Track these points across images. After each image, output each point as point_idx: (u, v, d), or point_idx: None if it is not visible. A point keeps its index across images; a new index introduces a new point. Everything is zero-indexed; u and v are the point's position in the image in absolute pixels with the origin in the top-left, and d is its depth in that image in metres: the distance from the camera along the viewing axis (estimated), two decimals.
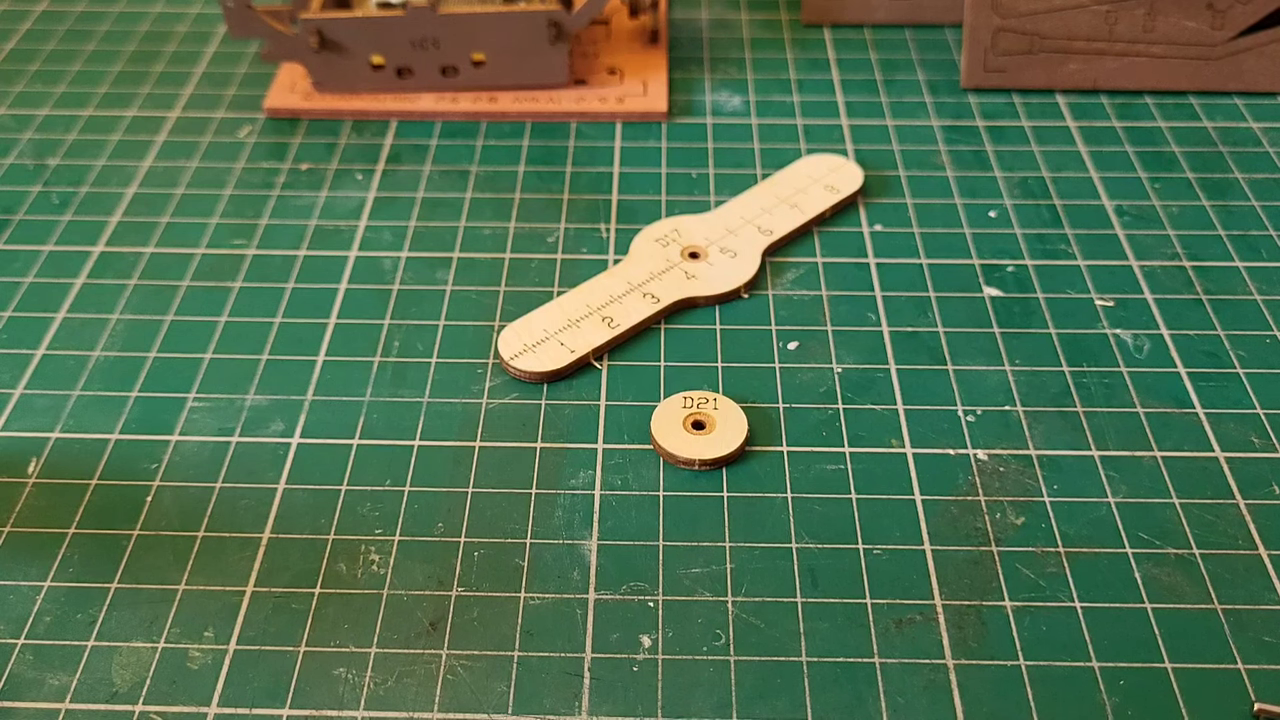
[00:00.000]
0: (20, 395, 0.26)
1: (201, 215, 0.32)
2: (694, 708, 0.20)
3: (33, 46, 0.40)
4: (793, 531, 0.23)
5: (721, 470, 0.25)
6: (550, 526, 0.23)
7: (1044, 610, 0.22)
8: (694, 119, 0.36)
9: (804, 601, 0.22)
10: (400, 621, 0.22)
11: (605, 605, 0.22)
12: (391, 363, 0.27)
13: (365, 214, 0.32)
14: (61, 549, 0.23)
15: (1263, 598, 0.22)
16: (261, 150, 0.34)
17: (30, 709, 0.20)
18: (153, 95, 0.37)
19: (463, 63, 0.35)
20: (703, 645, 0.21)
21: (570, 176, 0.33)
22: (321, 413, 0.26)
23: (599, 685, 0.21)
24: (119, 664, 0.21)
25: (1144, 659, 0.21)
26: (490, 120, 0.35)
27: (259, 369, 0.27)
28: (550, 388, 0.26)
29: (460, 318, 0.28)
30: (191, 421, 0.26)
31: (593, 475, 0.24)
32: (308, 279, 0.30)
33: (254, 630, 0.22)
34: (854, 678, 0.21)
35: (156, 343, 0.28)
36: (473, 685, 0.21)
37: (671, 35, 0.40)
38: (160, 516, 0.24)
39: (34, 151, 0.34)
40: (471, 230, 0.31)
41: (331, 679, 0.21)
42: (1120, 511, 0.24)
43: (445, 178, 0.33)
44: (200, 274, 0.30)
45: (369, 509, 0.24)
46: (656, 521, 0.24)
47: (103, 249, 0.31)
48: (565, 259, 0.30)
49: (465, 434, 0.25)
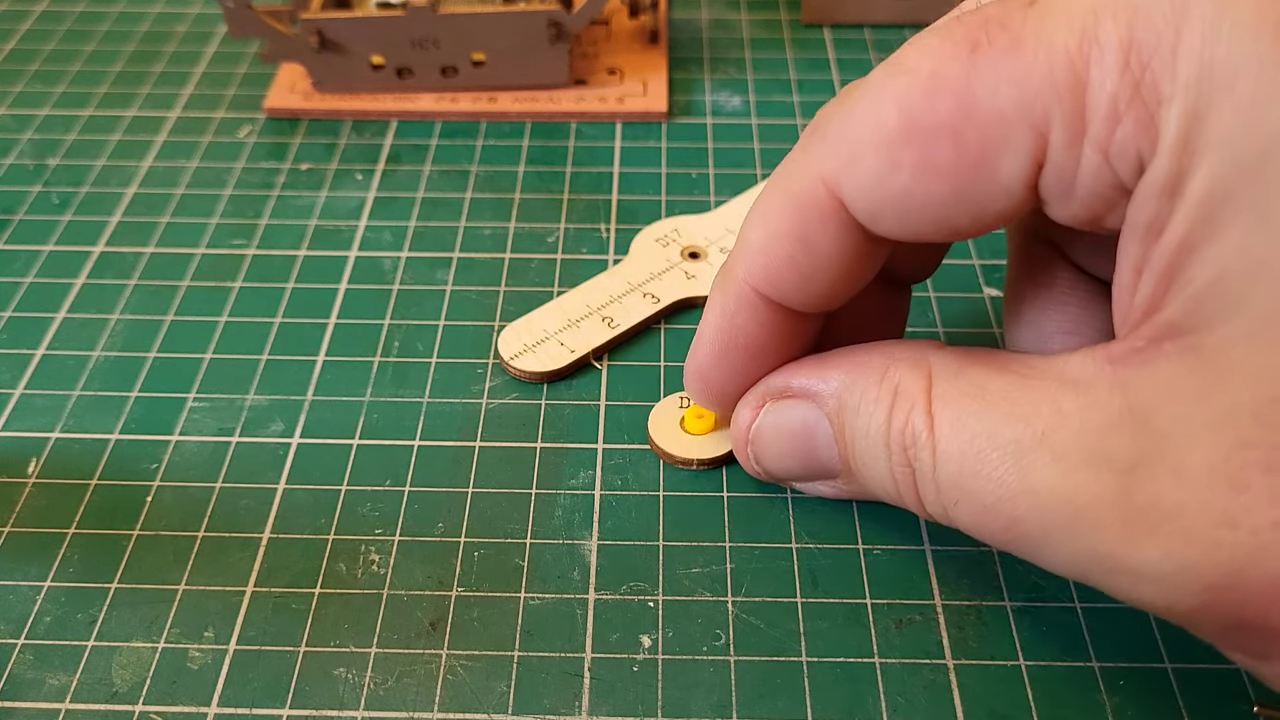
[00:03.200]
0: (20, 395, 0.26)
1: (201, 215, 0.32)
2: (694, 708, 0.20)
3: (33, 46, 0.40)
4: (793, 531, 0.23)
5: (721, 470, 0.25)
6: (550, 526, 0.23)
7: (1044, 610, 0.22)
8: (694, 119, 0.36)
9: (804, 601, 0.22)
10: (400, 621, 0.22)
11: (605, 605, 0.22)
12: (391, 363, 0.27)
13: (365, 214, 0.32)
14: (61, 549, 0.23)
15: None
16: (261, 150, 0.34)
17: (30, 709, 0.20)
18: (153, 95, 0.37)
19: (463, 63, 0.35)
20: (703, 645, 0.21)
21: (570, 176, 0.33)
22: (321, 413, 0.26)
23: (599, 685, 0.21)
24: (119, 664, 0.21)
25: (1144, 659, 0.21)
26: (490, 120, 0.35)
27: (259, 369, 0.27)
28: (550, 388, 0.26)
29: (460, 318, 0.28)
30: (191, 421, 0.26)
31: (593, 475, 0.24)
32: (308, 279, 0.30)
33: (254, 630, 0.22)
34: (854, 678, 0.21)
35: (156, 343, 0.28)
36: (473, 685, 0.21)
37: (671, 35, 0.40)
38: (160, 516, 0.24)
39: (34, 151, 0.34)
40: (471, 230, 0.31)
41: (331, 679, 0.21)
42: None
43: (445, 178, 0.33)
44: (200, 274, 0.30)
45: (369, 509, 0.24)
46: (656, 521, 0.24)
47: (103, 249, 0.31)
48: (565, 259, 0.30)
49: (465, 434, 0.25)
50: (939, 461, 0.18)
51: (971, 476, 0.18)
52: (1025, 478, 0.17)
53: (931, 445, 0.18)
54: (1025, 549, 0.18)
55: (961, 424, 0.18)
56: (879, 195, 0.18)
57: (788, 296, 0.20)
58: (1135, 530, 0.16)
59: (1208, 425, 0.15)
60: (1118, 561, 0.16)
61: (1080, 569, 0.17)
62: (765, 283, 0.20)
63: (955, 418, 0.18)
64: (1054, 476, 0.16)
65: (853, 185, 0.18)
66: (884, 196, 0.18)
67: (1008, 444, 0.17)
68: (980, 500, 0.17)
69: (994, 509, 0.17)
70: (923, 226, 0.18)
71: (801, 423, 0.21)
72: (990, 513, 0.17)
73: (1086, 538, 0.16)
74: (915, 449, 0.19)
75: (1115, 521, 0.16)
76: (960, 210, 0.18)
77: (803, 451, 0.21)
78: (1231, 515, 0.15)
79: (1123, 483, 0.16)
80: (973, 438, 0.18)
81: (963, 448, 0.18)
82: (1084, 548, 0.16)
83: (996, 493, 0.17)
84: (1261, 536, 0.15)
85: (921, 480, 0.19)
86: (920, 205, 0.18)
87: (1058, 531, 0.17)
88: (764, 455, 0.22)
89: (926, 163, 0.17)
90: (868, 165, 0.18)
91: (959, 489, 0.18)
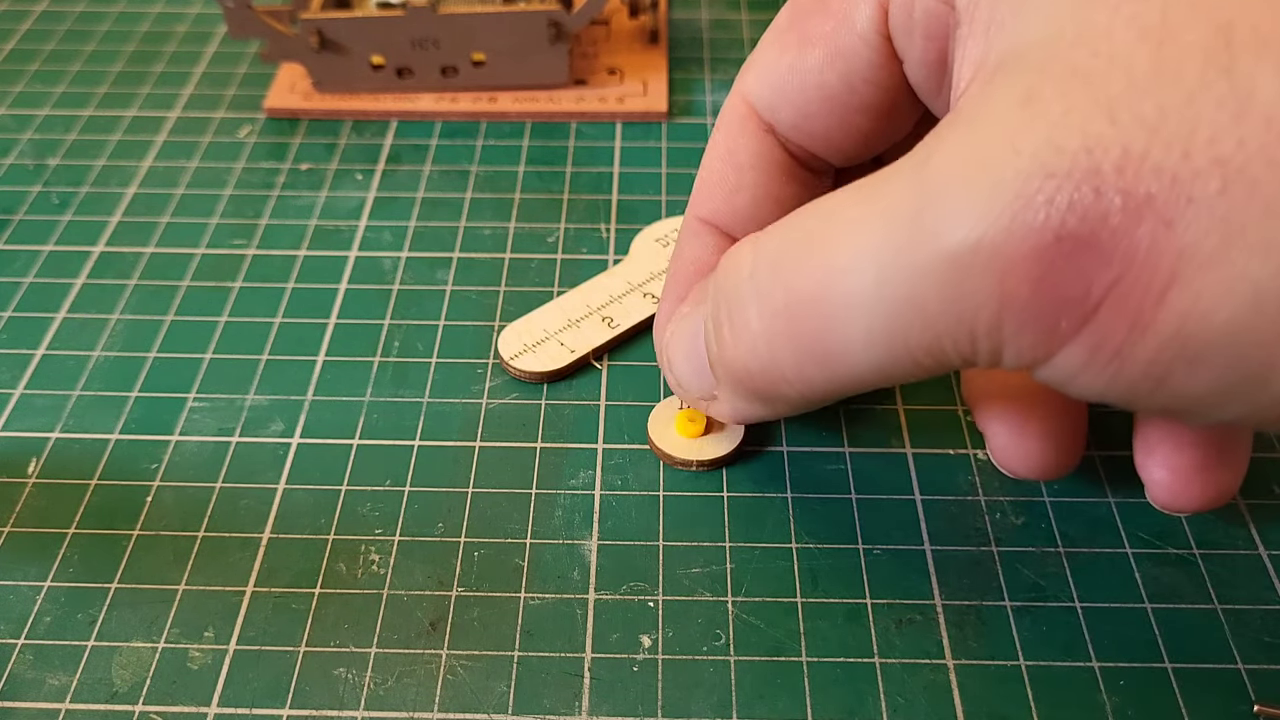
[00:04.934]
0: (20, 395, 0.26)
1: (201, 215, 0.32)
2: (694, 708, 0.20)
3: (33, 46, 0.40)
4: (793, 531, 0.23)
5: (721, 470, 0.25)
6: (550, 526, 0.23)
7: (1044, 610, 0.22)
8: (694, 119, 0.36)
9: (804, 601, 0.22)
10: (400, 621, 0.22)
11: (605, 605, 0.22)
12: (391, 363, 0.27)
13: (365, 214, 0.32)
14: (61, 549, 0.23)
15: (1263, 598, 0.22)
16: (261, 150, 0.34)
17: (30, 709, 0.20)
18: (153, 95, 0.37)
19: (463, 63, 0.35)
20: (703, 645, 0.21)
21: (570, 176, 0.33)
22: (321, 413, 0.26)
23: (599, 685, 0.21)
24: (119, 664, 0.21)
25: (1144, 659, 0.21)
26: (490, 120, 0.35)
27: (259, 369, 0.27)
28: (550, 388, 0.26)
29: (460, 318, 0.28)
30: (191, 421, 0.26)
31: (593, 475, 0.24)
32: (308, 279, 0.30)
33: (254, 630, 0.22)
34: (854, 678, 0.21)
35: (156, 343, 0.28)
36: (473, 685, 0.21)
37: (671, 35, 0.40)
38: (160, 516, 0.24)
39: (34, 151, 0.34)
40: (471, 230, 0.31)
41: (331, 679, 0.21)
42: (1120, 511, 0.24)
43: (445, 178, 0.33)
44: (200, 274, 0.30)
45: (369, 509, 0.24)
46: (656, 521, 0.24)
47: (103, 249, 0.31)
48: (565, 259, 0.30)
49: (465, 434, 0.25)
50: (756, 267, 0.18)
51: (782, 251, 0.18)
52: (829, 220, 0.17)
53: (751, 259, 0.18)
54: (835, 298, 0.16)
55: (777, 229, 0.18)
56: (773, 79, 0.21)
57: (721, 214, 0.23)
58: (929, 194, 0.15)
59: (1000, 89, 0.15)
60: (917, 235, 0.15)
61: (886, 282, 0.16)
62: (704, 205, 0.23)
63: (772, 231, 0.18)
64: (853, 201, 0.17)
65: (755, 80, 0.22)
66: (776, 78, 0.21)
67: (819, 212, 0.17)
68: (790, 261, 0.17)
69: (802, 262, 0.17)
70: (810, 104, 0.21)
71: (696, 320, 0.21)
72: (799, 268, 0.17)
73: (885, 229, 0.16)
74: (737, 275, 0.19)
75: (909, 198, 0.15)
76: (833, 74, 0.20)
77: (693, 350, 0.21)
78: (1025, 125, 0.14)
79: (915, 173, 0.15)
80: (786, 229, 0.18)
81: (778, 241, 0.18)
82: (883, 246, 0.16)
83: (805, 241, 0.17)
84: (1057, 125, 0.14)
85: (740, 308, 0.18)
86: (801, 78, 0.21)
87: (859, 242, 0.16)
88: (672, 362, 0.22)
89: (803, 35, 0.21)
90: (765, 57, 0.21)
91: (770, 274, 0.18)
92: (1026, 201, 0.14)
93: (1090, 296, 0.14)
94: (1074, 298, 0.14)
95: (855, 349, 0.17)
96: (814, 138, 0.22)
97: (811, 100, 0.21)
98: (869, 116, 0.21)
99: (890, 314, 0.16)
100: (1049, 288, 0.14)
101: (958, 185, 0.15)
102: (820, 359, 0.17)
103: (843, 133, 0.21)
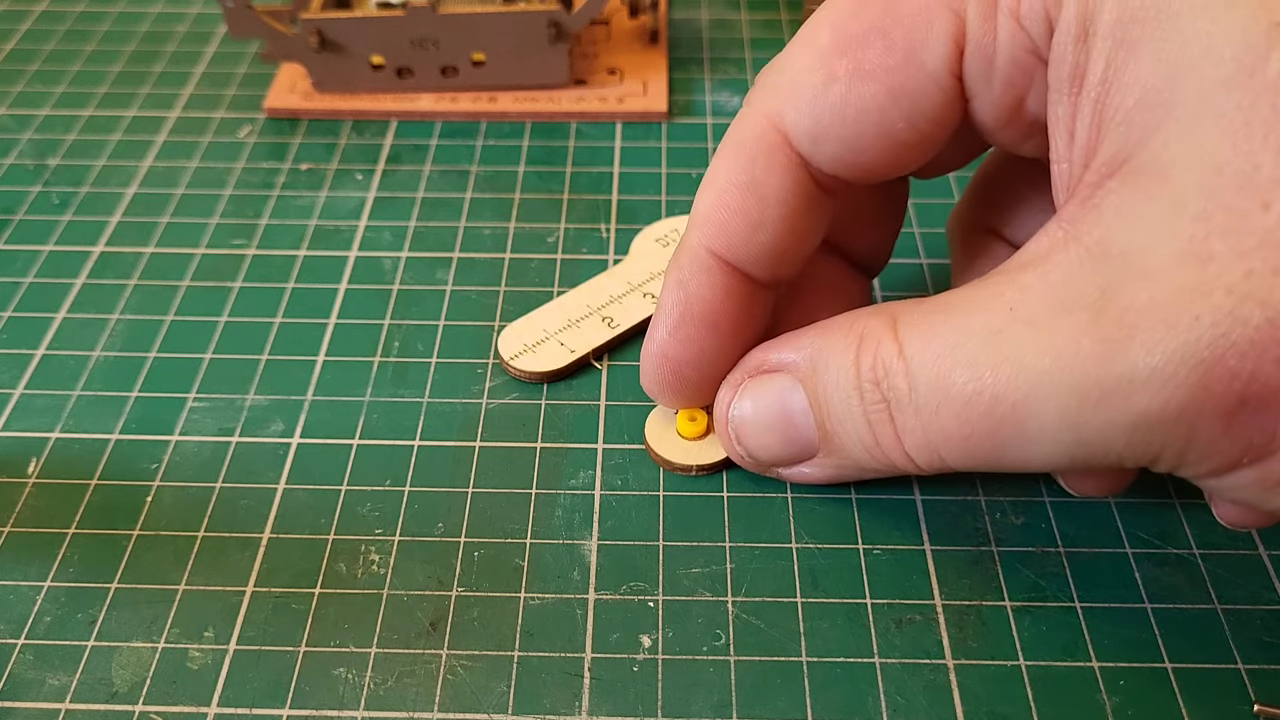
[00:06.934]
0: (20, 395, 0.26)
1: (201, 215, 0.32)
2: (694, 708, 0.20)
3: (33, 46, 0.40)
4: (793, 531, 0.23)
5: (721, 471, 0.25)
6: (550, 526, 0.23)
7: (1044, 610, 0.22)
8: (694, 119, 0.36)
9: (804, 601, 0.22)
10: (400, 621, 0.22)
11: (605, 605, 0.22)
12: (391, 363, 0.27)
13: (365, 214, 0.32)
14: (61, 549, 0.23)
15: (1263, 598, 0.22)
16: (261, 150, 0.34)
17: (30, 709, 0.20)
18: (153, 95, 0.37)
19: (463, 63, 0.35)
20: (703, 645, 0.21)
21: (570, 176, 0.33)
22: (321, 413, 0.26)
23: (599, 685, 0.21)
24: (119, 664, 0.21)
25: (1144, 659, 0.21)
26: (490, 120, 0.35)
27: (259, 369, 0.27)
28: (550, 388, 0.27)
29: (460, 318, 0.28)
30: (191, 421, 0.26)
31: (593, 475, 0.24)
32: (308, 279, 0.30)
33: (254, 630, 0.22)
34: (854, 678, 0.21)
35: (156, 343, 0.28)
36: (473, 685, 0.21)
37: (671, 35, 0.40)
38: (160, 516, 0.24)
39: (34, 151, 0.34)
40: (471, 230, 0.31)
41: (331, 679, 0.21)
42: (1120, 511, 0.24)
43: (445, 178, 0.33)
44: (200, 274, 0.30)
45: (369, 509, 0.24)
46: (656, 521, 0.24)
47: (103, 249, 0.31)
48: (565, 259, 0.30)
49: (465, 434, 0.25)
50: (914, 379, 0.18)
51: (949, 373, 0.17)
52: (1002, 349, 0.17)
53: (904, 368, 0.18)
54: (1013, 432, 0.17)
55: (931, 335, 0.18)
56: (818, 109, 0.19)
57: (738, 250, 0.21)
58: (1115, 344, 0.16)
59: (1162, 223, 0.15)
60: (1105, 385, 0.16)
61: (1071, 426, 0.16)
62: (719, 239, 0.21)
63: (923, 334, 0.18)
64: (1028, 336, 0.16)
65: (794, 108, 0.20)
66: (823, 109, 0.19)
67: (979, 331, 0.17)
68: (961, 394, 0.17)
69: (975, 398, 0.17)
70: (863, 139, 0.19)
71: (778, 393, 0.21)
72: (972, 403, 0.17)
73: (1070, 378, 0.16)
74: (887, 379, 0.18)
75: (1094, 345, 0.16)
76: (896, 112, 0.19)
77: (781, 424, 0.21)
78: (1204, 286, 0.15)
79: (1095, 312, 0.16)
80: (944, 341, 0.18)
81: (936, 353, 0.18)
82: (1069, 395, 0.16)
83: (976, 376, 0.17)
84: (1236, 292, 0.15)
85: (899, 412, 0.18)
86: (857, 113, 0.19)
87: (1042, 390, 0.16)
88: (745, 435, 0.22)
89: (859, 67, 0.19)
90: (806, 83, 0.19)
91: (938, 393, 0.18)
92: (1210, 368, 0.15)
93: (1274, 441, 0.16)
94: (1258, 444, 0.16)
95: (1030, 464, 0.18)
96: (855, 168, 0.21)
97: (866, 135, 0.19)
98: (922, 149, 0.20)
99: (1074, 443, 0.17)
100: (1236, 433, 0.16)
101: (1140, 351, 0.15)
102: (989, 465, 0.18)
103: (887, 163, 0.21)
